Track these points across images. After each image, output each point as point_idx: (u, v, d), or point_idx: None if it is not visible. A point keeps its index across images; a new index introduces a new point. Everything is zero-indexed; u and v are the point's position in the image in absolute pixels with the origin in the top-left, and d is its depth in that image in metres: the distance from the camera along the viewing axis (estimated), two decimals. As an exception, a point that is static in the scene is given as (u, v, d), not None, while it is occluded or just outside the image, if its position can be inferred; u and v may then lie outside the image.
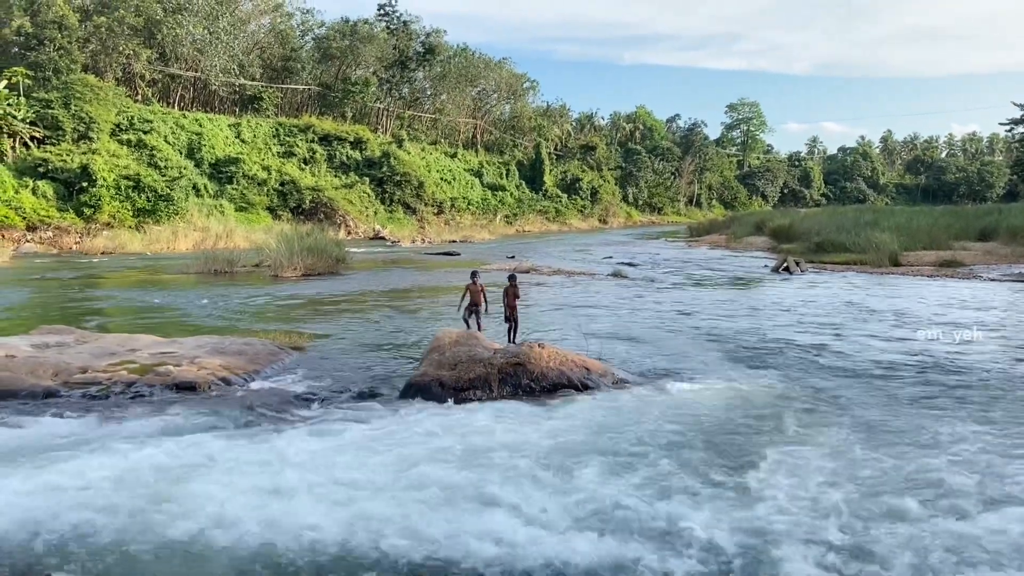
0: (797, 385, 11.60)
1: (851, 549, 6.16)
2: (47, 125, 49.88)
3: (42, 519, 6.59)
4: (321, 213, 61.10)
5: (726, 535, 6.36)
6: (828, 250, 36.39)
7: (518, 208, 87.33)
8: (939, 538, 6.30)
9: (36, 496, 7.04)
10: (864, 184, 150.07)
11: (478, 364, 11.17)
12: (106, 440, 8.71)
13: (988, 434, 9.10)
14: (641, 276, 29.90)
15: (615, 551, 6.10)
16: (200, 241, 44.14)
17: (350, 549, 6.20)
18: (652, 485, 7.45)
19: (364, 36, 78.95)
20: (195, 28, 64.91)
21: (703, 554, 6.08)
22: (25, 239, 43.06)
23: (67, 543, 6.26)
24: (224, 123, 65.37)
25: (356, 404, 10.63)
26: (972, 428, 9.34)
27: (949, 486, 7.43)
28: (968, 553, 6.07)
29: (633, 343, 15.00)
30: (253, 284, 26.88)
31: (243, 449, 8.38)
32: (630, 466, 7.93)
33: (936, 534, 6.38)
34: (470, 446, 8.53)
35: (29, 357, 12.03)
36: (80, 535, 6.38)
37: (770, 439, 8.89)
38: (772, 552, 6.09)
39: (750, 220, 62.54)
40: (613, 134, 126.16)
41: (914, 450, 8.54)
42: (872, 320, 18.11)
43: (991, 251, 34.61)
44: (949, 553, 6.06)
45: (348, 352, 14.55)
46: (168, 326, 17.34)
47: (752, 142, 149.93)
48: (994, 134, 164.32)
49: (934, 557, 6.00)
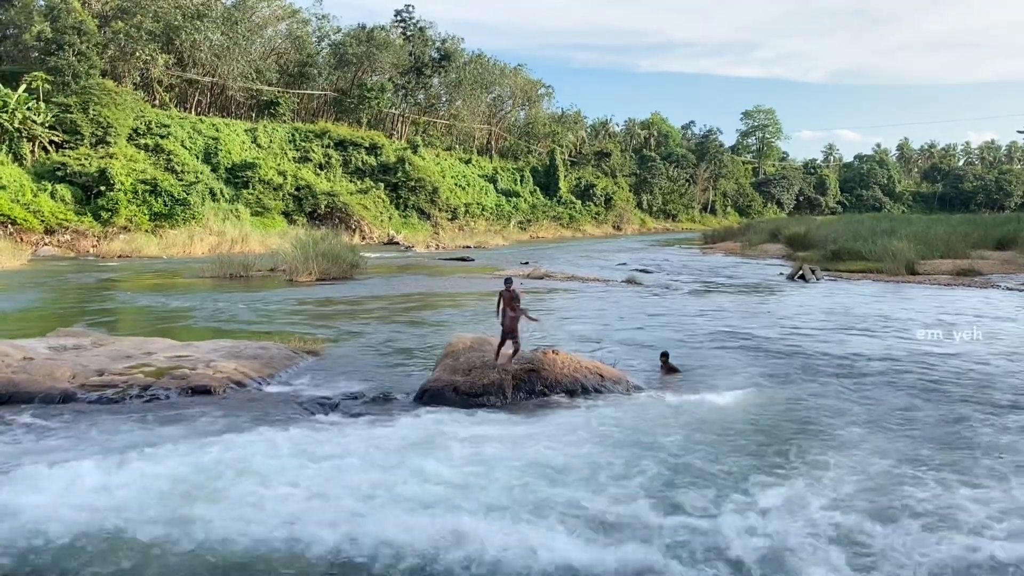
0: (811, 394, 11.51)
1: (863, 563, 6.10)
2: (66, 129, 50.39)
3: (57, 523, 6.61)
4: (336, 218, 61.37)
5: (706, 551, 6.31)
6: (844, 258, 36.16)
7: (532, 214, 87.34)
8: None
9: (54, 501, 7.07)
10: (880, 192, 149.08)
11: (492, 370, 11.15)
12: (121, 444, 8.75)
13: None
14: (655, 283, 29.81)
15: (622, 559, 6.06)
16: (216, 245, 44.38)
17: (349, 555, 6.20)
18: (660, 493, 7.41)
19: (380, 42, 79.31)
20: (213, 33, 65.41)
21: (703, 565, 6.04)
22: (43, 242, 43.47)
23: (84, 546, 6.29)
24: (240, 128, 65.80)
25: (370, 408, 10.63)
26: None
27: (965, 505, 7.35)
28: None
29: (648, 350, 14.95)
30: (268, 288, 26.99)
31: (256, 454, 8.38)
32: (649, 474, 7.89)
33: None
34: (479, 453, 8.51)
35: (47, 359, 12.12)
36: (99, 538, 6.40)
37: (780, 449, 8.82)
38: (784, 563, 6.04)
39: (765, 227, 62.25)
40: (628, 141, 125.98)
41: (938, 456, 8.46)
42: (889, 329, 17.96)
43: (1009, 260, 34.28)
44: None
45: (362, 356, 14.57)
46: (184, 330, 17.44)
47: (767, 149, 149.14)
48: (1013, 142, 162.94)
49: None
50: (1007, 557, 6.17)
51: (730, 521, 6.73)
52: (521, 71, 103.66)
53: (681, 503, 7.17)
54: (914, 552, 6.23)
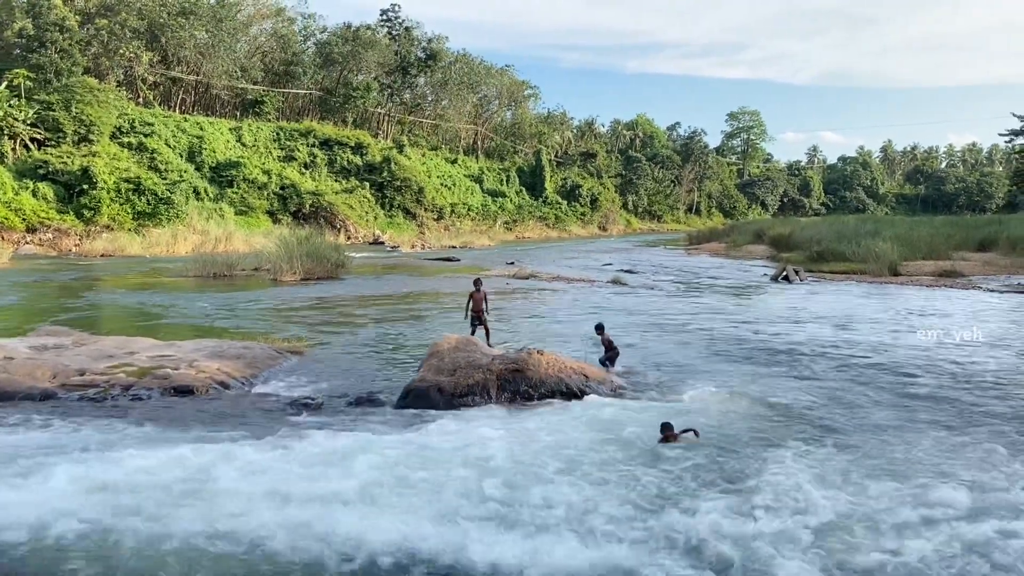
0: (796, 395, 11.56)
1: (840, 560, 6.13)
2: (48, 127, 49.97)
3: (38, 525, 6.54)
4: (321, 217, 61.21)
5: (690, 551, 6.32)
6: (828, 259, 36.36)
7: (518, 214, 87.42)
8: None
9: (33, 500, 7.00)
10: (864, 194, 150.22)
11: (477, 370, 11.14)
12: (101, 444, 8.68)
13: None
14: (640, 283, 29.89)
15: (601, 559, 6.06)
16: (200, 244, 44.10)
17: (324, 556, 6.17)
18: (637, 491, 7.42)
19: (366, 41, 79.11)
20: (198, 31, 65.04)
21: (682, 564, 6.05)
22: (25, 241, 43.10)
23: (63, 548, 6.23)
24: (225, 127, 65.49)
25: (354, 409, 10.60)
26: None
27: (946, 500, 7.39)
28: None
29: (632, 350, 14.97)
30: (252, 288, 26.86)
31: (237, 454, 8.32)
32: (622, 473, 7.90)
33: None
34: (463, 453, 8.49)
35: (27, 359, 12.00)
36: (76, 539, 6.34)
37: (763, 450, 8.85)
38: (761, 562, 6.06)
39: (750, 228, 62.57)
40: (613, 141, 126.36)
41: (911, 459, 8.51)
42: (871, 328, 18.08)
43: (990, 262, 34.61)
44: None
45: (347, 356, 14.52)
46: (166, 329, 17.33)
47: (752, 151, 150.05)
48: (994, 145, 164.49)
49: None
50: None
51: (718, 524, 6.72)
52: (508, 71, 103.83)
53: (665, 505, 7.18)
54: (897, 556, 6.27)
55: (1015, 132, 60.66)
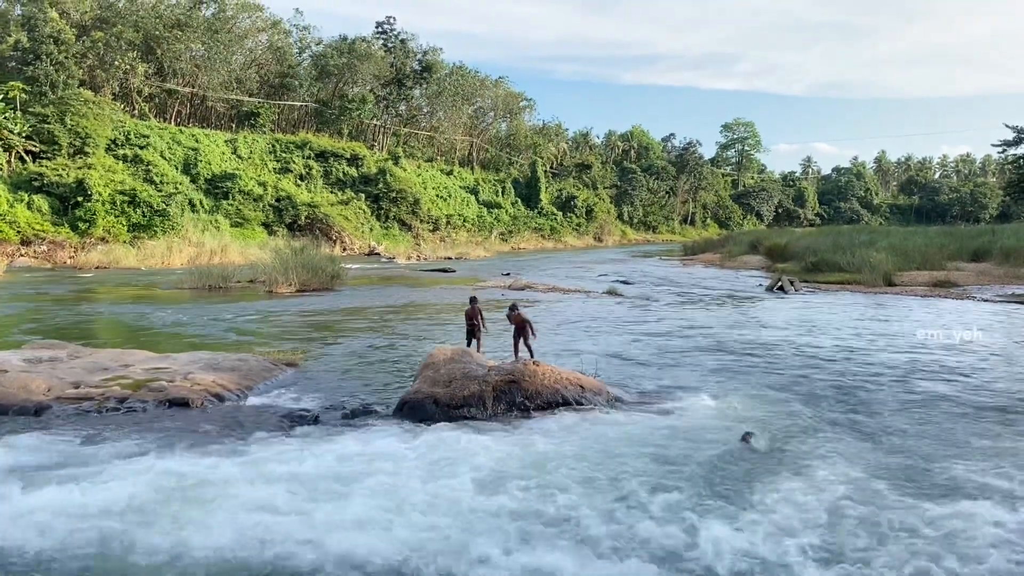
0: (792, 405, 11.57)
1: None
2: (43, 139, 49.96)
3: (31, 540, 6.52)
4: (317, 229, 61.20)
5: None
6: (823, 269, 36.42)
7: (513, 225, 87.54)
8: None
9: (28, 515, 6.97)
10: (858, 204, 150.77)
11: (473, 381, 11.12)
12: (96, 457, 8.65)
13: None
14: (636, 294, 29.90)
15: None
16: (195, 256, 44.05)
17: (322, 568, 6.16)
18: (632, 505, 7.42)
19: (361, 54, 79.35)
20: (194, 44, 65.16)
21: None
22: (19, 253, 43.00)
23: (55, 562, 6.20)
24: (220, 139, 65.51)
25: (349, 422, 10.56)
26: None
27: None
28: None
29: (628, 361, 14.98)
30: (248, 300, 26.82)
31: (232, 467, 8.30)
32: (622, 487, 7.89)
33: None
34: (463, 464, 8.48)
35: (22, 372, 11.96)
36: (70, 554, 6.31)
37: (760, 462, 8.85)
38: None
39: (745, 239, 62.60)
40: (608, 153, 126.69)
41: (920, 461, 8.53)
42: (865, 338, 18.11)
43: (984, 272, 34.68)
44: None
45: (342, 368, 14.50)
46: (162, 342, 17.29)
47: (747, 162, 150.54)
48: (987, 156, 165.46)
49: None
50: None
51: (715, 535, 6.72)
52: (503, 83, 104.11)
53: (663, 516, 7.17)
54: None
55: (1008, 143, 60.80)
